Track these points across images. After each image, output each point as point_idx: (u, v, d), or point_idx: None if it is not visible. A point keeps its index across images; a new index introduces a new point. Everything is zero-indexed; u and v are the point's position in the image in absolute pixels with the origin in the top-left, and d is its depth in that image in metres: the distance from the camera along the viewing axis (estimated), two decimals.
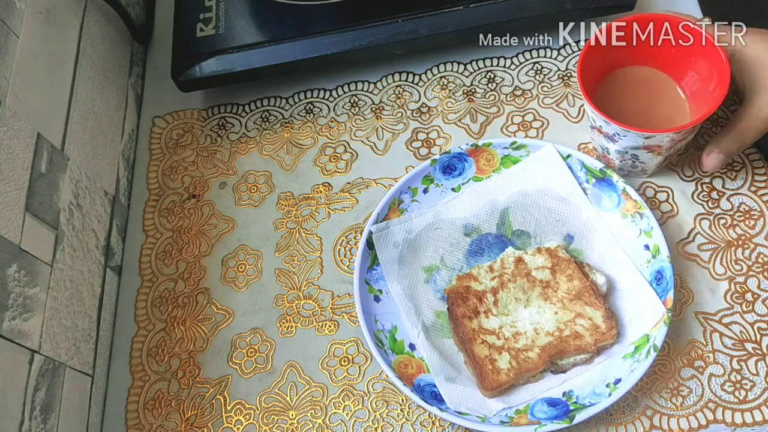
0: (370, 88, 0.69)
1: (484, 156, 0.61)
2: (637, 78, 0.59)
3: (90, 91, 0.62)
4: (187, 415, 0.57)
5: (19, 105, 0.52)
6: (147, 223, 0.65)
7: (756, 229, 0.58)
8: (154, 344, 0.60)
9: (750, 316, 0.55)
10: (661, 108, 0.58)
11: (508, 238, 0.59)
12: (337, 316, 0.59)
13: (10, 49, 0.52)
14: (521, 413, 0.52)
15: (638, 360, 0.51)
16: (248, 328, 0.60)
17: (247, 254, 0.63)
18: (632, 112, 0.57)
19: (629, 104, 0.58)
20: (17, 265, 0.49)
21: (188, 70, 0.65)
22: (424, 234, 0.59)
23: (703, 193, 0.60)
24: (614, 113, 0.53)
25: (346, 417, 0.56)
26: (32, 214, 0.51)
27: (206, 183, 0.66)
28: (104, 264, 0.61)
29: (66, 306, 0.54)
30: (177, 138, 0.69)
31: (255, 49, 0.65)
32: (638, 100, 0.58)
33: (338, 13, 0.65)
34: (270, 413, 0.57)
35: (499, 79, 0.67)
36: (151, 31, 0.75)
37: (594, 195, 0.58)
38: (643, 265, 0.55)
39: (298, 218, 0.64)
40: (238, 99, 0.70)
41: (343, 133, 0.67)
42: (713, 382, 0.53)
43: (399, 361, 0.54)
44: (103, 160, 0.63)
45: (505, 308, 0.54)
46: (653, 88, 0.59)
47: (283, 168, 0.66)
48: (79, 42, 0.62)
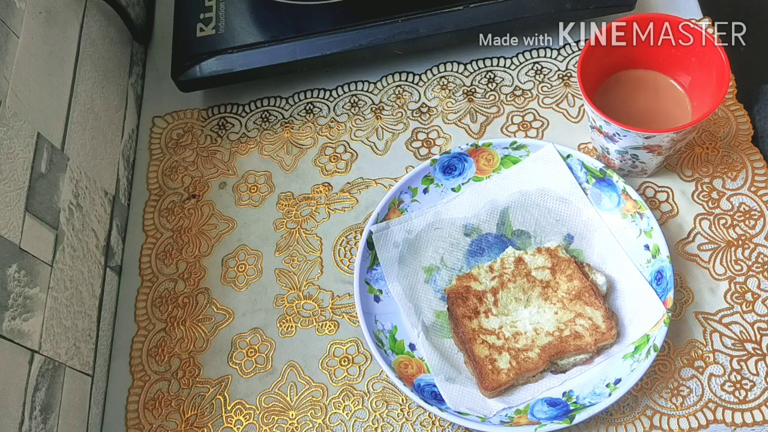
0: (370, 88, 0.69)
1: (484, 156, 0.61)
2: (638, 80, 0.59)
3: (90, 91, 0.62)
4: (187, 415, 0.57)
5: (19, 105, 0.52)
6: (147, 223, 0.65)
7: (756, 229, 0.58)
8: (154, 344, 0.60)
9: (750, 316, 0.55)
10: (663, 109, 0.58)
11: (508, 238, 0.59)
12: (337, 316, 0.59)
13: (10, 49, 0.52)
14: (521, 413, 0.52)
15: (638, 360, 0.51)
16: (248, 328, 0.60)
17: (247, 254, 0.63)
18: (633, 113, 0.57)
19: (630, 106, 0.58)
20: (17, 265, 0.49)
21: (188, 70, 0.65)
22: (424, 234, 0.59)
23: (703, 193, 0.60)
24: (615, 115, 0.53)
25: (346, 417, 0.56)
26: (32, 214, 0.51)
27: (206, 183, 0.66)
28: (104, 264, 0.61)
29: (66, 306, 0.54)
30: (177, 138, 0.69)
31: (255, 49, 0.65)
32: (639, 101, 0.58)
33: (338, 13, 0.65)
34: (270, 413, 0.57)
35: (499, 79, 0.67)
36: (151, 31, 0.75)
37: (594, 195, 0.58)
38: (643, 265, 0.55)
39: (298, 218, 0.64)
40: (238, 99, 0.70)
41: (343, 133, 0.67)
42: (713, 382, 0.53)
43: (399, 361, 0.54)
44: (103, 160, 0.63)
45: (505, 308, 0.54)
46: (654, 90, 0.59)
47: (283, 168, 0.66)
48: (79, 42, 0.62)
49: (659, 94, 0.58)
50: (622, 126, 0.52)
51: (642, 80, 0.59)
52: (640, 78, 0.59)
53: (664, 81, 0.58)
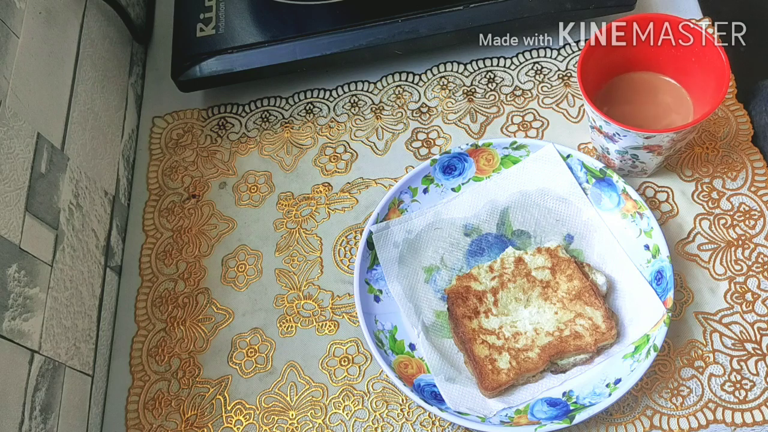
0: (370, 88, 0.69)
1: (484, 156, 0.61)
2: (638, 83, 0.59)
3: (90, 91, 0.62)
4: (187, 415, 0.57)
5: (19, 105, 0.52)
6: (147, 223, 0.65)
7: (756, 229, 0.58)
8: (154, 344, 0.60)
9: (750, 316, 0.55)
10: (663, 109, 0.58)
11: (508, 238, 0.59)
12: (337, 316, 0.59)
13: (10, 49, 0.52)
14: (521, 413, 0.52)
15: (638, 360, 0.51)
16: (248, 328, 0.60)
17: (247, 254, 0.63)
18: (634, 114, 0.57)
19: (631, 107, 0.58)
20: (17, 265, 0.49)
21: (188, 70, 0.65)
22: (424, 234, 0.59)
23: (703, 193, 0.60)
24: (615, 115, 0.53)
25: (346, 417, 0.56)
26: (32, 214, 0.51)
27: (206, 183, 0.66)
28: (104, 264, 0.61)
29: (66, 306, 0.54)
30: (177, 138, 0.69)
31: (255, 49, 0.65)
32: (640, 102, 0.59)
33: (338, 13, 0.65)
34: (270, 413, 0.57)
35: (499, 79, 0.67)
36: (151, 31, 0.75)
37: (594, 195, 0.58)
38: (643, 265, 0.55)
39: (298, 218, 0.64)
40: (238, 99, 0.70)
41: (343, 133, 0.67)
42: (713, 382, 0.53)
43: (399, 361, 0.54)
44: (103, 160, 0.63)
45: (505, 308, 0.54)
46: (654, 91, 0.59)
47: (283, 168, 0.66)
48: (79, 42, 0.62)
49: (659, 94, 0.58)
50: (622, 126, 0.52)
51: (642, 82, 0.59)
52: (640, 80, 0.59)
53: (665, 82, 0.59)
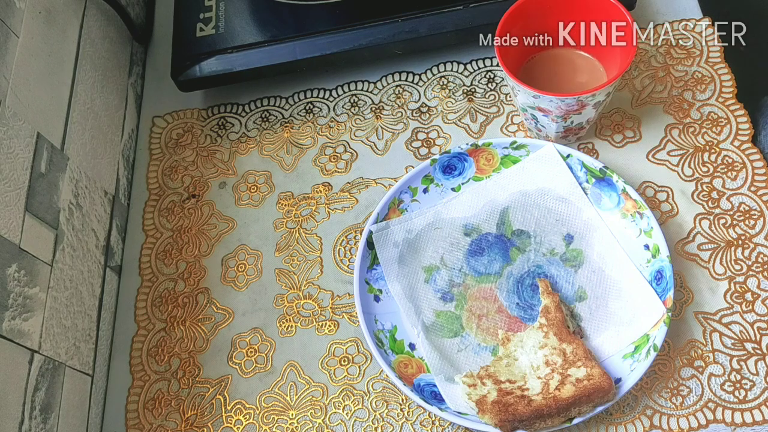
0: (370, 88, 0.69)
1: (484, 156, 0.61)
2: (556, 58, 0.61)
3: (90, 91, 0.62)
4: (187, 415, 0.57)
5: (19, 105, 0.52)
6: (147, 223, 0.65)
7: (756, 229, 0.58)
8: (154, 344, 0.60)
9: (750, 315, 0.55)
10: (581, 80, 0.60)
11: (508, 237, 0.59)
12: (337, 316, 0.59)
13: (10, 49, 0.52)
14: None
15: (638, 360, 0.51)
16: (248, 328, 0.60)
17: (247, 254, 0.63)
18: (555, 85, 0.59)
19: (553, 79, 0.60)
20: (17, 265, 0.49)
21: (188, 70, 0.65)
22: (424, 234, 0.59)
23: (703, 193, 0.60)
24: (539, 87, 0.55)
25: (346, 417, 0.56)
26: (32, 214, 0.51)
27: (206, 183, 0.66)
28: (104, 264, 0.61)
29: (66, 306, 0.54)
30: (177, 138, 0.69)
31: (255, 49, 0.65)
32: (560, 75, 0.61)
33: (338, 13, 0.65)
34: (270, 413, 0.57)
35: (499, 79, 0.67)
36: (151, 31, 0.75)
37: (594, 195, 0.58)
38: (643, 264, 0.55)
39: (298, 218, 0.64)
40: (238, 99, 0.70)
41: (343, 132, 0.67)
42: (713, 381, 0.53)
43: (399, 361, 0.54)
44: (103, 160, 0.63)
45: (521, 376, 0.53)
46: (572, 65, 0.61)
47: (283, 168, 0.66)
48: (79, 42, 0.62)
49: (579, 69, 0.61)
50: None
51: (560, 57, 0.61)
52: (557, 56, 0.61)
53: (579, 56, 0.61)
